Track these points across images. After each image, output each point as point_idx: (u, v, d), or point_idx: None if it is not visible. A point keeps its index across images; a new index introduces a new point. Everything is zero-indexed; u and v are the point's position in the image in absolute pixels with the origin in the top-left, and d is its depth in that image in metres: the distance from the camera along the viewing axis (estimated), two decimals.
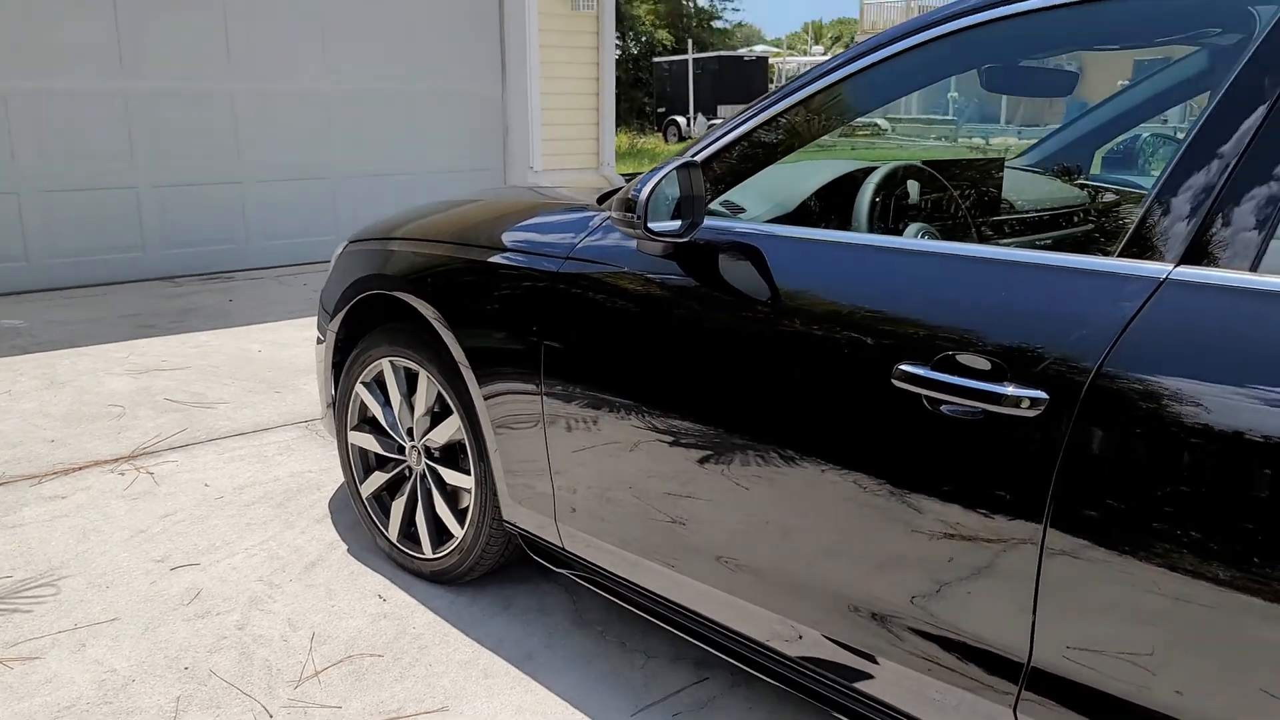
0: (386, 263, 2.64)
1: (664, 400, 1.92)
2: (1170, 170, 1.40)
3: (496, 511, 2.44)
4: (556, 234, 2.23)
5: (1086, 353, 1.35)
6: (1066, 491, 1.36)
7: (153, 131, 6.34)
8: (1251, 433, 1.22)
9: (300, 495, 3.21)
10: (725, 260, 1.86)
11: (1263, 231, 1.30)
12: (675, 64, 24.84)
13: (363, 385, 2.75)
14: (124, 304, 5.77)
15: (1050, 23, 1.66)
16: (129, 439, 3.66)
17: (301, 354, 4.78)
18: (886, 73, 1.81)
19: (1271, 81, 1.33)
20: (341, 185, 7.26)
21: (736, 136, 1.96)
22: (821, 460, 1.66)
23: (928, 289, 1.59)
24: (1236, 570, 1.23)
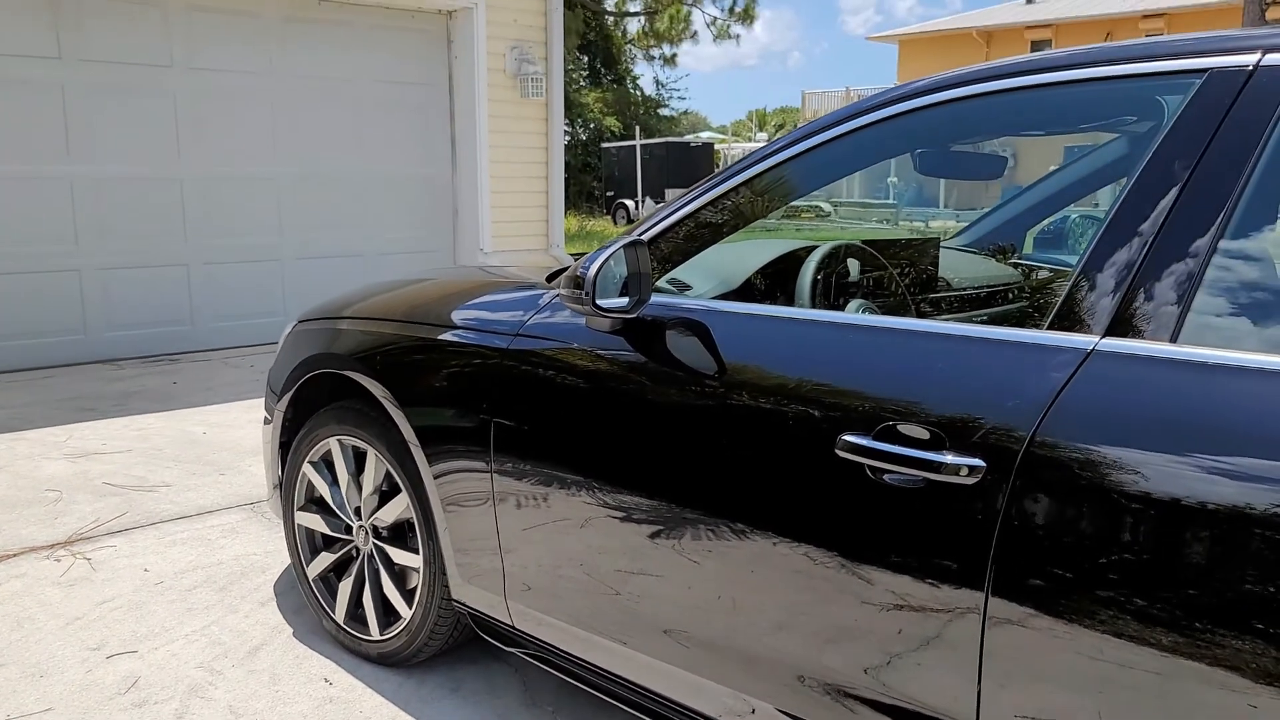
0: (335, 341, 2.64)
1: (614, 476, 1.94)
2: (1093, 247, 1.47)
3: (445, 591, 2.42)
4: (505, 312, 2.26)
5: (1020, 421, 1.40)
6: (1005, 558, 1.40)
7: (97, 215, 6.31)
8: (1177, 497, 1.26)
9: (244, 578, 3.15)
10: (672, 336, 1.90)
11: (1180, 305, 1.36)
12: (623, 149, 25.29)
13: (310, 465, 2.73)
14: (64, 387, 5.67)
15: (978, 110, 1.75)
16: (65, 524, 3.57)
17: (247, 435, 4.72)
18: (823, 156, 1.88)
19: (1181, 165, 1.41)
20: (290, 267, 7.25)
21: (682, 216, 2.02)
22: (770, 532, 1.68)
23: (868, 362, 1.64)
24: (1173, 633, 1.26)
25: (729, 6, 23.84)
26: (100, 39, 6.19)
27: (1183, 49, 1.49)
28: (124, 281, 6.47)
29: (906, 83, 1.82)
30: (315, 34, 7.15)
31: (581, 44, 26.02)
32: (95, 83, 6.21)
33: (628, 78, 29.68)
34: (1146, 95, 1.56)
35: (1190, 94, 1.44)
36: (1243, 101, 1.39)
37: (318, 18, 7.14)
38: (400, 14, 7.53)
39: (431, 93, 7.83)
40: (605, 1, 25.48)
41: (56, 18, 6.02)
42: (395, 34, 7.56)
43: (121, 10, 6.26)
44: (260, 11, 6.86)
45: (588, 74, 28.65)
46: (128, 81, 6.34)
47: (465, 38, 7.69)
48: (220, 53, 6.71)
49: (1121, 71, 1.54)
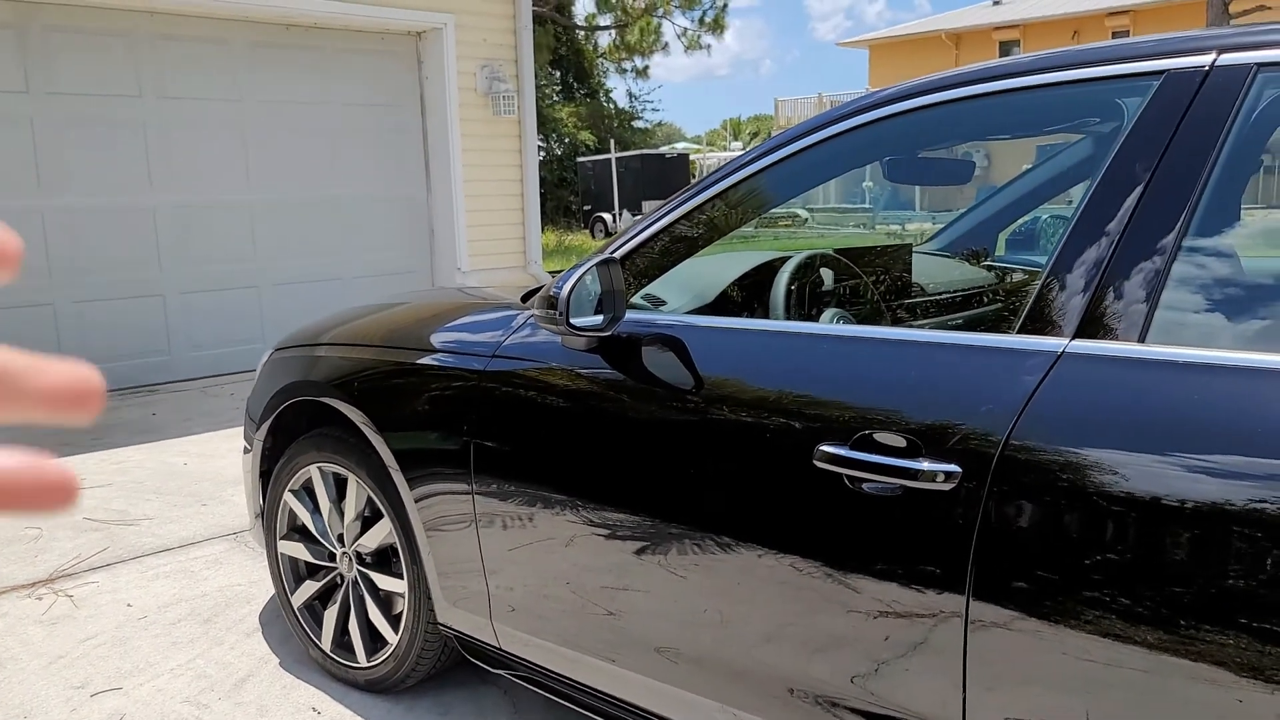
0: (313, 368, 2.63)
1: (595, 493, 1.94)
2: (1060, 251, 1.48)
3: (431, 615, 2.41)
4: (482, 333, 2.26)
5: (994, 426, 1.41)
6: (985, 563, 1.40)
7: (71, 248, 6.27)
8: (1151, 496, 1.27)
9: (229, 610, 3.12)
10: (648, 352, 1.90)
11: (1147, 304, 1.38)
12: (599, 163, 25.34)
13: (291, 493, 2.71)
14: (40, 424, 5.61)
15: (947, 116, 1.76)
16: (46, 562, 3.53)
17: (229, 465, 4.69)
18: (793, 167, 1.89)
19: (1142, 166, 1.43)
20: (267, 293, 7.22)
21: (654, 231, 2.02)
22: (752, 544, 1.68)
23: (844, 371, 1.65)
24: (1154, 630, 1.27)
25: (699, 17, 23.94)
26: (68, 71, 6.16)
27: (1140, 51, 1.51)
28: (99, 313, 6.43)
29: (875, 91, 1.83)
30: (284, 59, 7.14)
31: (553, 59, 26.07)
32: (64, 115, 6.17)
33: (601, 91, 29.75)
34: (1108, 98, 1.58)
35: (1149, 95, 1.46)
36: (1200, 101, 1.41)
37: (286, 43, 7.13)
38: (369, 36, 7.53)
39: (403, 114, 7.83)
40: (576, 16, 25.55)
41: (23, 52, 5.99)
42: (365, 56, 7.55)
43: (88, 42, 6.23)
44: (228, 38, 6.84)
45: (560, 89, 28.70)
46: (97, 113, 6.31)
47: (435, 58, 7.69)
48: (189, 81, 6.68)
49: (1083, 75, 1.56)
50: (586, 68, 28.62)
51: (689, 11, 23.89)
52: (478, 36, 7.80)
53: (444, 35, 7.61)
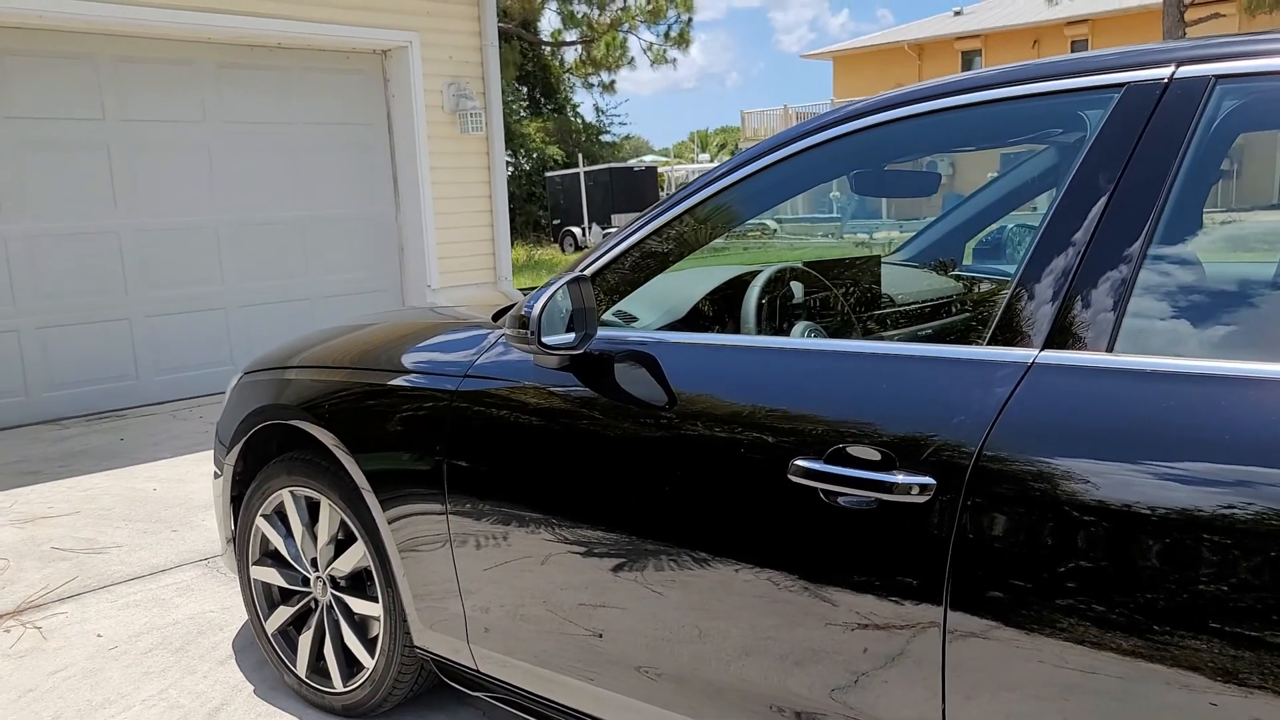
0: (283, 392, 2.61)
1: (571, 512, 1.93)
2: (1026, 263, 1.50)
3: (407, 638, 2.39)
4: (453, 353, 2.25)
5: (967, 438, 1.42)
6: (961, 573, 1.41)
7: (33, 273, 6.18)
8: (1122, 503, 1.29)
9: (201, 637, 3.08)
10: (620, 369, 1.90)
11: (1114, 314, 1.39)
12: (567, 177, 25.37)
13: (263, 518, 2.68)
14: (6, 451, 5.53)
15: (912, 130, 1.78)
16: (13, 594, 3.47)
17: (199, 490, 4.64)
18: (761, 182, 1.90)
19: (1105, 177, 1.45)
20: (235, 315, 7.16)
21: (625, 248, 2.03)
22: (729, 560, 1.68)
23: (817, 385, 1.65)
24: (1130, 636, 1.28)
25: (665, 32, 24.04)
26: (27, 95, 6.09)
27: (1101, 65, 1.53)
28: (64, 339, 6.34)
29: (842, 106, 1.85)
30: (249, 80, 7.10)
31: (520, 75, 26.09)
32: (25, 139, 6.10)
33: (568, 106, 29.80)
34: (1069, 110, 1.60)
35: (1110, 108, 1.48)
36: (1160, 112, 1.43)
37: (251, 63, 7.09)
38: (334, 55, 7.50)
39: (371, 133, 7.80)
40: (542, 32, 25.59)
41: None
42: (331, 76, 7.52)
43: (49, 66, 6.17)
44: (192, 59, 6.80)
45: (528, 104, 28.72)
46: (59, 136, 6.24)
47: (401, 77, 7.67)
48: (153, 103, 6.63)
49: (1045, 89, 1.58)
50: (553, 83, 28.67)
51: (654, 26, 24.00)
52: (443, 54, 7.80)
53: (409, 54, 7.60)
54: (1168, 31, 16.13)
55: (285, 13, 6.86)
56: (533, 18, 24.39)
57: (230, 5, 6.57)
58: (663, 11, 23.71)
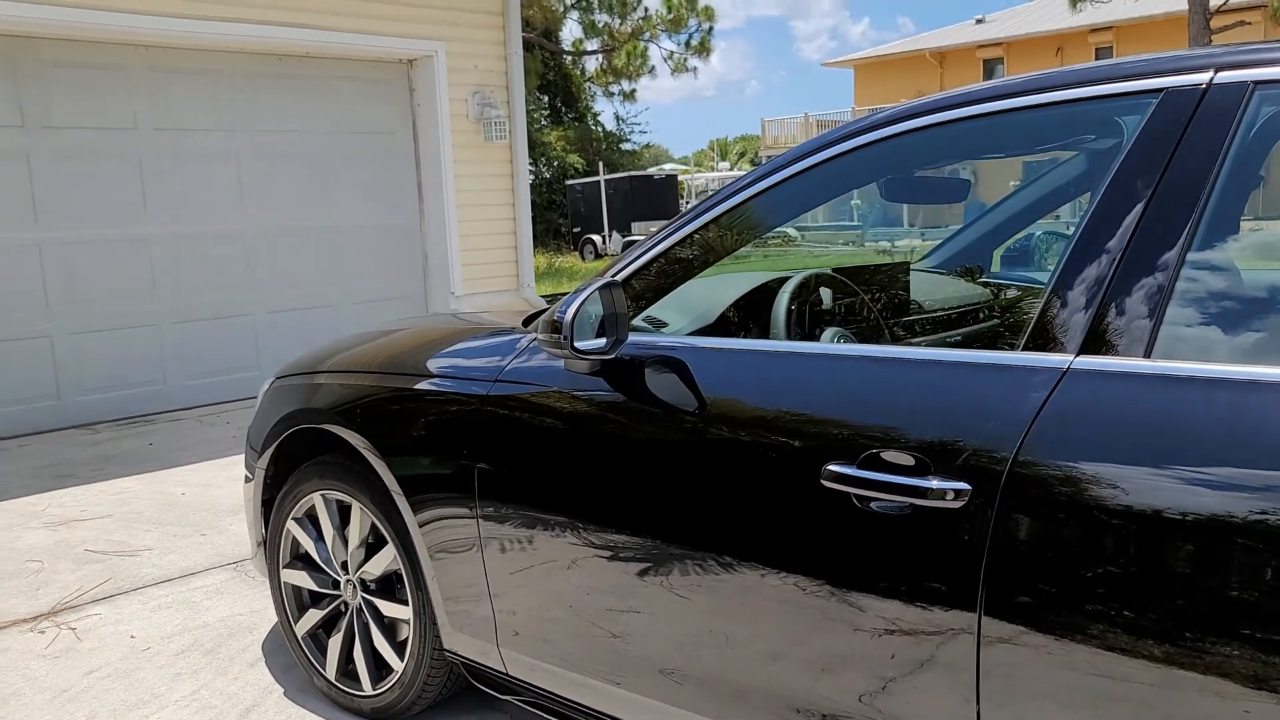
0: (314, 396, 2.64)
1: (601, 516, 1.94)
2: (1062, 267, 1.50)
3: (437, 641, 2.40)
4: (484, 358, 2.27)
5: (1002, 443, 1.42)
6: (996, 579, 1.41)
7: (68, 279, 6.27)
8: (1159, 510, 1.29)
9: (232, 639, 3.11)
10: (651, 374, 1.91)
11: (1151, 320, 1.39)
12: (588, 185, 25.44)
13: (294, 521, 2.71)
14: (40, 455, 5.60)
15: (943, 137, 1.79)
16: (49, 595, 3.52)
17: (227, 494, 4.68)
18: (790, 189, 1.91)
19: (1144, 183, 1.45)
20: (262, 321, 7.22)
21: (655, 255, 2.04)
22: (759, 564, 1.69)
23: (849, 391, 1.66)
24: (1166, 644, 1.28)
25: (685, 40, 24.08)
26: (63, 105, 6.18)
27: (1138, 70, 1.53)
28: (96, 344, 6.42)
29: (872, 114, 1.85)
30: (278, 89, 7.17)
31: (541, 84, 26.21)
32: (60, 149, 6.19)
33: (588, 115, 29.89)
34: (1106, 116, 1.60)
35: (1148, 113, 1.48)
36: (1199, 118, 1.43)
37: (280, 73, 7.16)
38: (361, 65, 7.57)
39: (396, 141, 7.86)
40: (563, 41, 25.69)
41: (18, 87, 6.01)
42: (358, 85, 7.59)
43: (83, 76, 6.25)
44: (222, 69, 6.87)
45: (549, 113, 28.84)
46: (92, 145, 6.32)
47: (427, 85, 7.73)
48: (183, 112, 6.71)
49: (1082, 94, 1.58)
50: (574, 92, 28.78)
51: (675, 35, 24.04)
52: (468, 64, 7.85)
53: (435, 63, 7.66)
54: (1193, 39, 16.02)
55: (314, 23, 6.93)
56: (554, 27, 24.49)
57: (261, 15, 6.65)
58: (684, 20, 23.76)
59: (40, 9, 5.73)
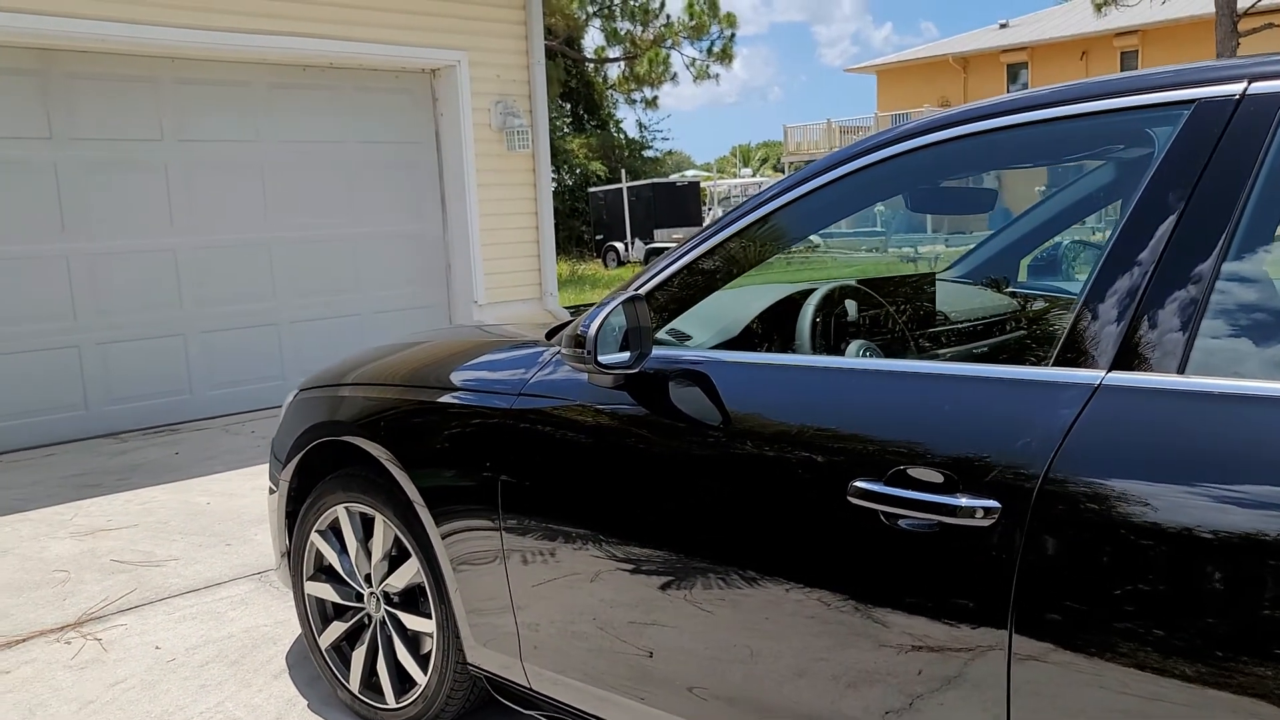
0: (338, 409, 2.64)
1: (623, 529, 1.93)
2: (1093, 281, 1.48)
3: (460, 654, 2.40)
4: (507, 371, 2.26)
5: (1032, 460, 1.40)
6: (1027, 597, 1.39)
7: (94, 290, 6.33)
8: (1193, 528, 1.26)
9: (256, 651, 3.12)
10: (675, 388, 1.90)
11: (1185, 334, 1.37)
12: (610, 193, 25.47)
13: (318, 533, 2.71)
14: (67, 465, 5.65)
15: (971, 148, 1.77)
16: (75, 605, 3.54)
17: (252, 504, 4.70)
18: (816, 202, 1.90)
19: (1176, 195, 1.42)
20: (286, 330, 7.26)
21: (679, 268, 2.03)
22: (785, 580, 1.67)
23: (876, 406, 1.64)
24: (1199, 664, 1.26)
25: (707, 47, 24.12)
26: (90, 117, 6.25)
27: (1170, 81, 1.51)
28: (122, 354, 6.48)
29: (899, 125, 1.84)
30: (302, 99, 7.22)
31: (563, 92, 26.29)
32: (87, 160, 6.25)
33: (611, 122, 29.94)
34: (1137, 127, 1.58)
35: (1180, 124, 1.46)
36: (1233, 129, 1.41)
37: (303, 83, 7.21)
38: (384, 75, 7.61)
39: (419, 150, 7.89)
40: (585, 49, 25.78)
41: (46, 99, 6.08)
42: (381, 95, 7.63)
43: (111, 88, 6.32)
44: (247, 81, 6.93)
45: (571, 121, 28.91)
46: (119, 157, 6.38)
47: (450, 95, 7.76)
48: (209, 123, 6.77)
49: (1111, 106, 1.56)
50: (596, 99, 28.84)
51: (697, 42, 24.08)
52: (491, 73, 7.88)
53: (458, 72, 7.68)
54: (1220, 42, 15.87)
55: (338, 33, 6.97)
56: (576, 35, 24.59)
57: (286, 27, 6.70)
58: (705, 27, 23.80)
59: (69, 22, 5.79)
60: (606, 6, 23.99)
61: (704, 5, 23.36)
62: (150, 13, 6.10)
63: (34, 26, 5.69)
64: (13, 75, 5.96)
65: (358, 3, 7.06)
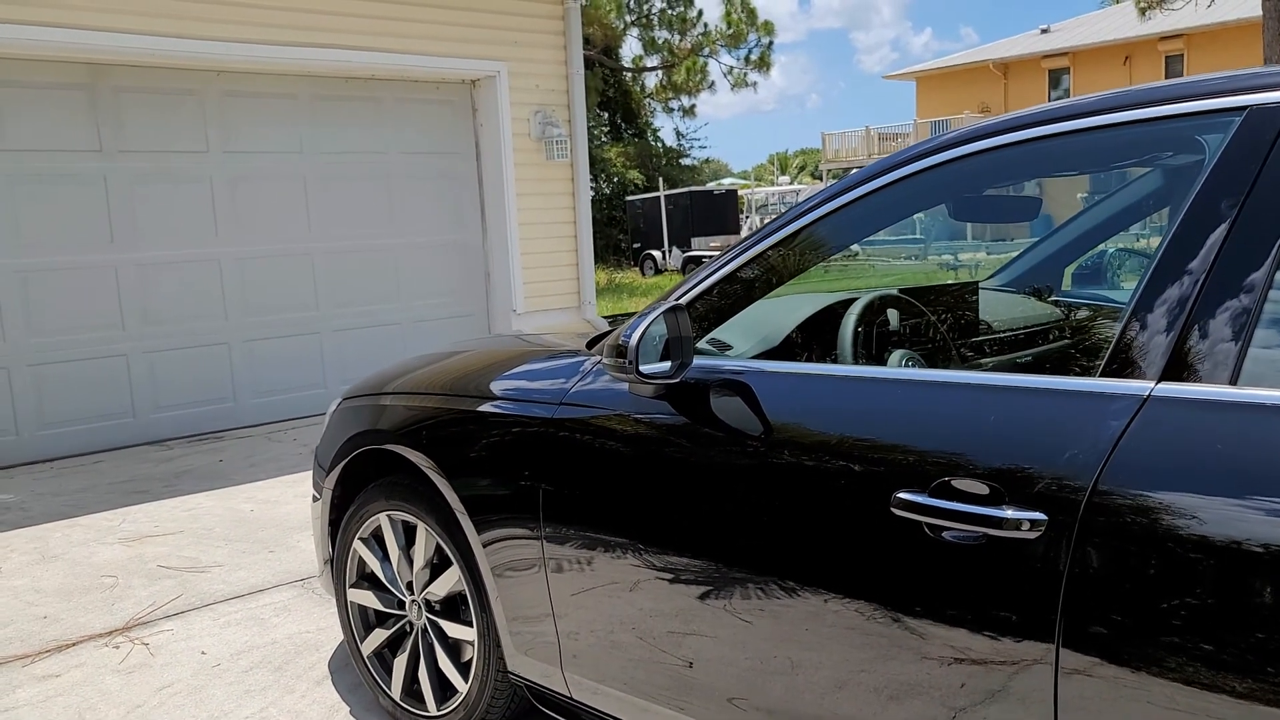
0: (380, 417, 2.66)
1: (663, 539, 1.93)
2: (1142, 290, 1.45)
3: (501, 663, 2.41)
4: (548, 380, 2.27)
5: (1080, 472, 1.38)
6: (1075, 610, 1.37)
7: (141, 299, 6.44)
8: (1246, 542, 1.24)
9: (299, 657, 3.15)
10: (716, 398, 1.90)
11: (1237, 344, 1.34)
12: (648, 201, 25.51)
13: (360, 541, 2.74)
14: (115, 471, 5.75)
15: (1017, 157, 1.75)
16: (123, 610, 3.60)
17: (294, 511, 4.75)
18: (858, 211, 1.89)
19: (1228, 203, 1.40)
20: (329, 339, 7.35)
21: (720, 278, 2.03)
22: (828, 592, 1.66)
23: (919, 417, 1.63)
24: (1250, 679, 1.23)
25: (745, 55, 24.11)
26: (139, 130, 6.37)
27: (1219, 88, 1.49)
28: (168, 362, 6.58)
29: (941, 134, 1.83)
30: (344, 111, 7.31)
31: (601, 101, 26.37)
32: (135, 172, 6.37)
33: (648, 131, 30.01)
34: (1186, 135, 1.56)
35: (1231, 132, 1.44)
36: None
37: (345, 95, 7.30)
38: (425, 86, 7.68)
39: (459, 161, 7.96)
40: (623, 58, 25.86)
41: (96, 113, 6.20)
42: (421, 106, 7.70)
43: (159, 102, 6.44)
44: (291, 93, 7.03)
45: (609, 129, 29.00)
46: (166, 169, 6.50)
47: (489, 105, 7.82)
48: (254, 135, 6.87)
49: (1159, 113, 1.53)
50: (634, 108, 28.91)
51: (735, 50, 24.08)
52: (530, 83, 7.93)
53: (497, 83, 7.74)
54: (1268, 45, 15.59)
55: (381, 45, 7.06)
56: (614, 44, 24.67)
57: (330, 40, 6.79)
58: (743, 35, 23.80)
59: (119, 38, 5.91)
60: (644, 15, 24.07)
61: (742, 13, 23.38)
62: (197, 27, 6.21)
63: (85, 41, 5.81)
64: (64, 89, 6.09)
65: (399, 15, 7.14)
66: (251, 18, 6.43)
